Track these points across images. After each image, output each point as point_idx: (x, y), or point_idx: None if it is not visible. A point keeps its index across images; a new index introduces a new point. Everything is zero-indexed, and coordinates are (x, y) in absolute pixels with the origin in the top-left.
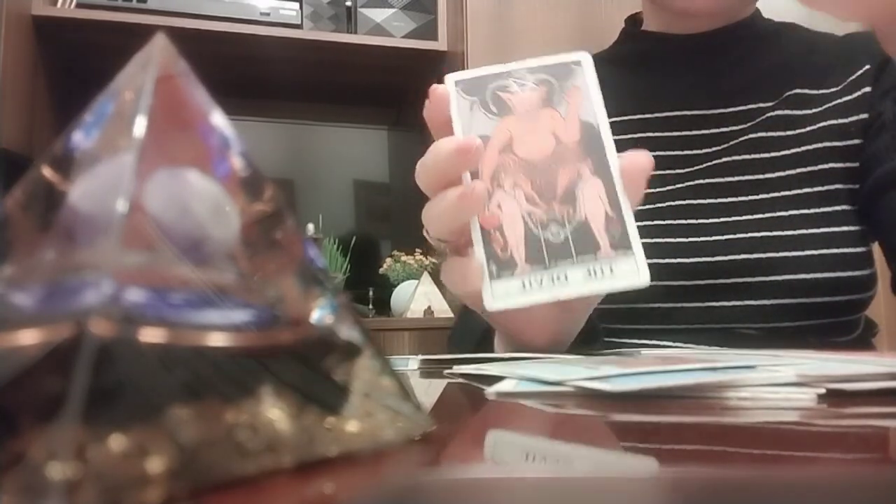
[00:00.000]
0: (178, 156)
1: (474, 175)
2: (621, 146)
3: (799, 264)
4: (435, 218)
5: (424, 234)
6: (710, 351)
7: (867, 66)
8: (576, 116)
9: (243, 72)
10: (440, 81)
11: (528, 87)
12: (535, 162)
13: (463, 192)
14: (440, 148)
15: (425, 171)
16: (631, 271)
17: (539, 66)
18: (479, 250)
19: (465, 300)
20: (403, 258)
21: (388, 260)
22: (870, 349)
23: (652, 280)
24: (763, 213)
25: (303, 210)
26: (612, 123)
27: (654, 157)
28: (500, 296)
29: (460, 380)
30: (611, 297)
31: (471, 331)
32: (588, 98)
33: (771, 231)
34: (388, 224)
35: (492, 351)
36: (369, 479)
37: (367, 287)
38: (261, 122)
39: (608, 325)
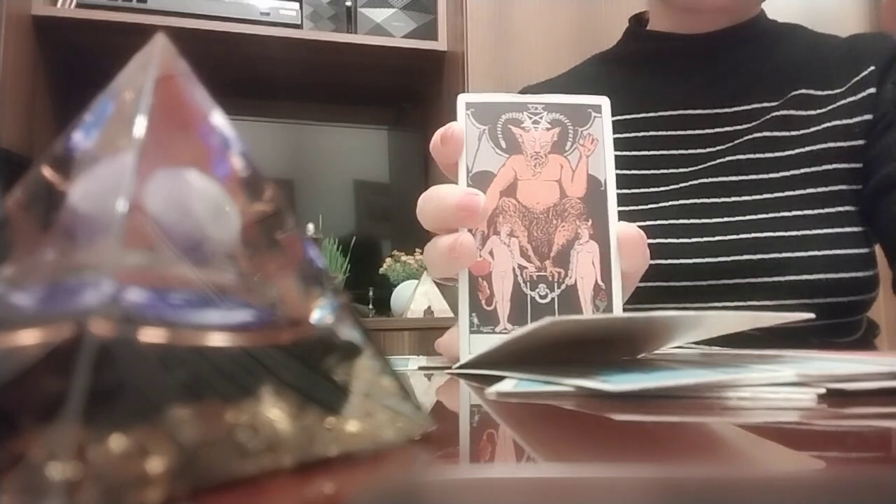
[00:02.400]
0: (178, 156)
1: None
2: (626, 145)
3: (802, 265)
4: (430, 262)
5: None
6: (710, 351)
7: (872, 68)
8: (584, 169)
9: (243, 72)
10: (440, 81)
11: (542, 126)
12: (535, 212)
13: (452, 244)
14: (443, 197)
15: (425, 214)
16: None
17: (557, 104)
18: (463, 300)
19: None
20: (403, 258)
21: (388, 260)
22: (871, 350)
23: (654, 281)
24: (766, 213)
25: (303, 210)
26: (615, 122)
27: (658, 155)
28: (475, 350)
29: (460, 380)
30: None
31: None
32: (601, 151)
33: (774, 231)
34: (388, 224)
35: None
36: (369, 479)
37: (367, 287)
38: (261, 122)
39: None
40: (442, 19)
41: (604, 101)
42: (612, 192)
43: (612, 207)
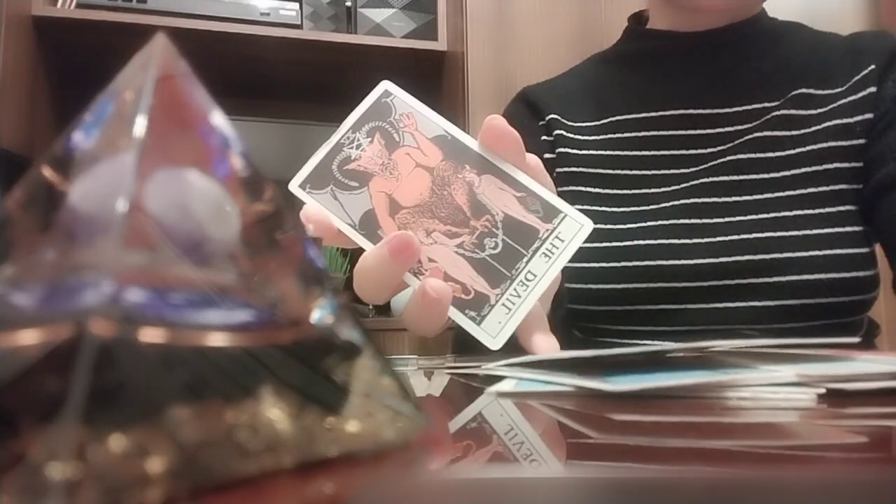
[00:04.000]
0: (178, 156)
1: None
2: (625, 144)
3: (803, 265)
4: (423, 322)
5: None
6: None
7: (872, 66)
8: (424, 139)
9: (243, 72)
10: (440, 81)
11: (365, 144)
12: (425, 201)
13: (425, 292)
14: (373, 262)
15: (370, 288)
16: (575, 227)
17: (358, 120)
18: (451, 309)
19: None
20: None
21: None
22: (871, 349)
23: (656, 282)
24: (767, 213)
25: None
26: (616, 122)
27: (660, 155)
28: (495, 331)
29: (460, 380)
30: (613, 299)
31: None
32: (420, 117)
33: (775, 231)
34: None
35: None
36: (369, 479)
37: None
38: (261, 122)
39: (609, 326)
40: (442, 19)
41: (387, 85)
42: (459, 134)
43: (470, 141)
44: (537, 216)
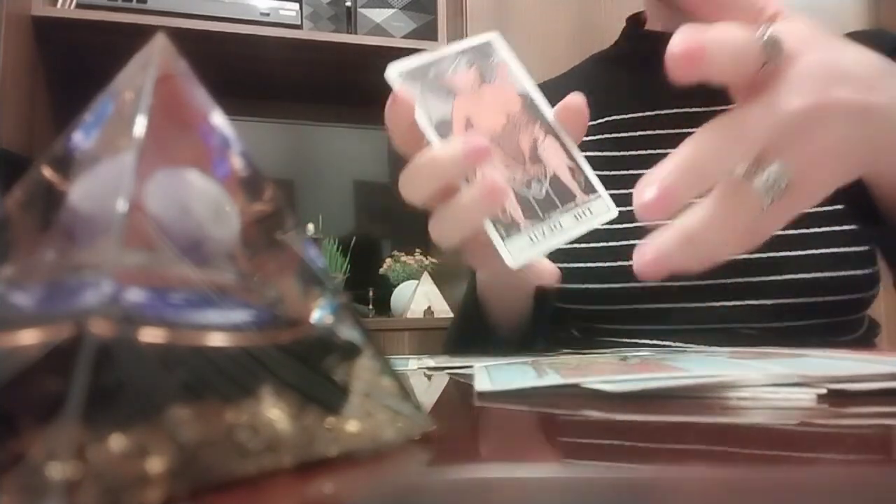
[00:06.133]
0: (178, 156)
1: None
2: (622, 145)
3: (800, 263)
4: (452, 225)
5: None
6: (709, 350)
7: None
8: (511, 89)
9: (243, 72)
10: None
11: (462, 69)
12: (496, 134)
13: (485, 190)
14: (442, 156)
15: (421, 182)
16: (603, 209)
17: (461, 50)
18: (485, 222)
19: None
20: (403, 258)
21: (388, 260)
22: (871, 349)
23: (653, 281)
24: None
25: (303, 210)
26: (612, 122)
27: (655, 154)
28: (516, 253)
29: (460, 380)
30: (611, 299)
31: (473, 322)
32: (513, 71)
33: None
34: (388, 224)
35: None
36: (369, 479)
37: (367, 287)
38: (261, 122)
39: (609, 325)
40: (442, 19)
41: (493, 37)
42: (539, 98)
43: (546, 107)
44: (579, 186)
